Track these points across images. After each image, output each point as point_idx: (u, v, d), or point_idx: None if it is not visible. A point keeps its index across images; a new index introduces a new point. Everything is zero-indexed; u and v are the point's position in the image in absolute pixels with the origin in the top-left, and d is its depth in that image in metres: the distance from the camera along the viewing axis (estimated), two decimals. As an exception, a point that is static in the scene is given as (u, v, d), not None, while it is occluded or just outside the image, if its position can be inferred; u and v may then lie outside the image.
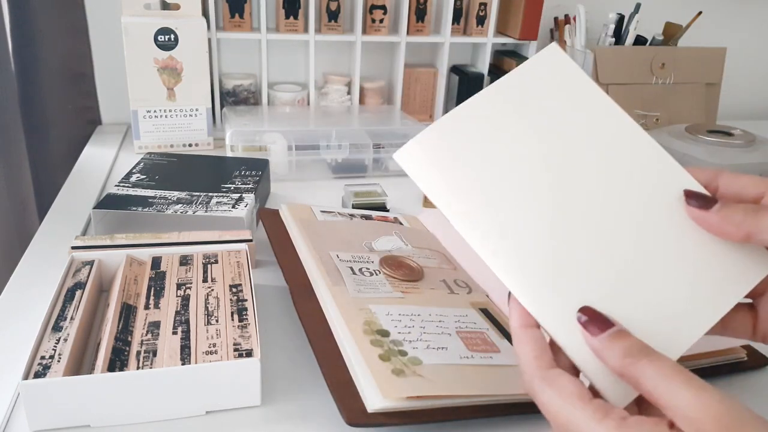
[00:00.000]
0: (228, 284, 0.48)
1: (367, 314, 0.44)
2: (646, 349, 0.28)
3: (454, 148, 0.35)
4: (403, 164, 0.35)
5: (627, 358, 0.28)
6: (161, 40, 0.80)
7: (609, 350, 0.29)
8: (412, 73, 1.01)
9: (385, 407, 0.36)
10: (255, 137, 0.78)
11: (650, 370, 0.27)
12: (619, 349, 0.29)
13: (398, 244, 0.57)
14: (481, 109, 0.36)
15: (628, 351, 0.28)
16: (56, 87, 0.88)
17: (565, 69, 0.37)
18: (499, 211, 0.34)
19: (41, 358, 0.38)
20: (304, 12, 0.92)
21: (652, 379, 0.27)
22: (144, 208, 0.59)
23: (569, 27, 1.00)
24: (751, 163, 0.79)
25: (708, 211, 0.33)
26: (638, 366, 0.28)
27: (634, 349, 0.28)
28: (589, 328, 0.30)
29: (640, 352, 0.28)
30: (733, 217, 0.32)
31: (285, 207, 0.59)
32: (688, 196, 0.34)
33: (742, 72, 1.22)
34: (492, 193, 0.34)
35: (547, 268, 0.33)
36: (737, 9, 1.17)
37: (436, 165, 0.35)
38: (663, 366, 0.27)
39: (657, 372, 0.27)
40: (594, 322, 0.30)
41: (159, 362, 0.39)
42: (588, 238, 0.33)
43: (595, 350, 0.30)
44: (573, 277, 0.32)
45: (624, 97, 0.95)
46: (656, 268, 0.33)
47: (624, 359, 0.28)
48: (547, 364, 0.30)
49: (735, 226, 0.32)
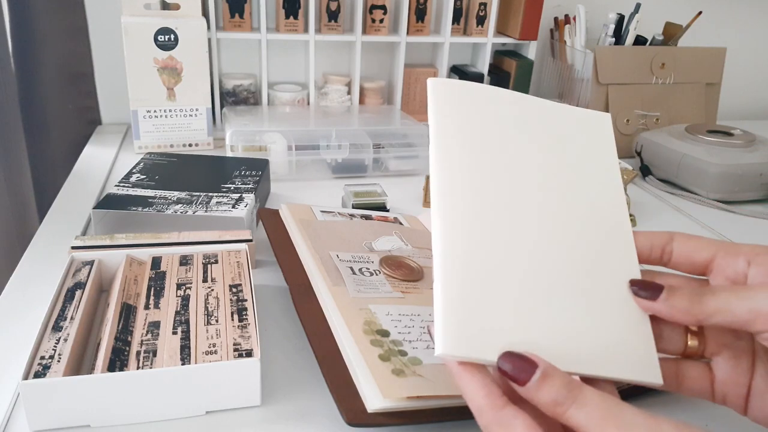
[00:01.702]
0: (228, 284, 0.48)
1: (367, 314, 0.44)
2: (574, 391, 0.28)
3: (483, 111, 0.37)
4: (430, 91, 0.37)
5: (558, 407, 0.28)
6: (161, 40, 0.80)
7: (538, 398, 0.29)
8: (412, 73, 1.01)
9: (385, 407, 0.36)
10: (255, 137, 0.78)
11: (581, 416, 0.28)
12: (547, 396, 0.28)
13: (398, 244, 0.57)
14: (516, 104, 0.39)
15: (556, 397, 0.28)
16: (56, 87, 0.88)
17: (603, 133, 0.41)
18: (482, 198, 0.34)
19: (41, 358, 0.38)
20: (304, 12, 0.92)
21: (585, 426, 0.28)
22: (144, 208, 0.59)
23: (569, 27, 1.00)
24: (751, 163, 0.79)
25: (655, 302, 0.33)
26: (568, 414, 0.28)
27: (562, 394, 0.28)
28: (515, 378, 0.29)
29: (568, 398, 0.28)
30: (679, 305, 0.32)
31: (285, 207, 0.59)
32: (634, 285, 0.35)
33: (742, 72, 1.22)
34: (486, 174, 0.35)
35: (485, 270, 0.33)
36: (737, 9, 1.17)
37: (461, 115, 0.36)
38: (592, 411, 0.28)
39: (587, 418, 0.28)
40: (518, 369, 0.29)
41: (159, 362, 0.39)
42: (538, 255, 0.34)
43: (525, 398, 0.29)
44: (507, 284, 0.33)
45: (624, 97, 0.96)
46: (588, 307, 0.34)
47: (555, 408, 0.28)
48: (499, 402, 0.29)
49: (683, 314, 0.32)
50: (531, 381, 0.29)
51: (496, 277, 0.32)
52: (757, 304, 0.30)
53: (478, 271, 0.32)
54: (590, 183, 0.38)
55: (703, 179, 0.80)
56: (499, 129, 0.37)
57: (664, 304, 0.33)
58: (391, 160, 0.82)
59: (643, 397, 0.43)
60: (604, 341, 0.33)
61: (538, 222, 0.35)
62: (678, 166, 0.82)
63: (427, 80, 0.38)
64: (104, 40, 0.90)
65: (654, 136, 0.87)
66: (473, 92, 0.38)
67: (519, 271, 0.33)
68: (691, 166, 0.81)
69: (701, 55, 0.99)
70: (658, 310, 0.33)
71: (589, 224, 0.36)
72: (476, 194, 0.34)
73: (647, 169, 0.87)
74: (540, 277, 0.33)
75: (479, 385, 0.29)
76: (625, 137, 0.96)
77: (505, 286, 0.32)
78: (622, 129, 0.96)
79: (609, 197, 0.38)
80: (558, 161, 0.38)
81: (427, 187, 0.73)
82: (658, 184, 0.85)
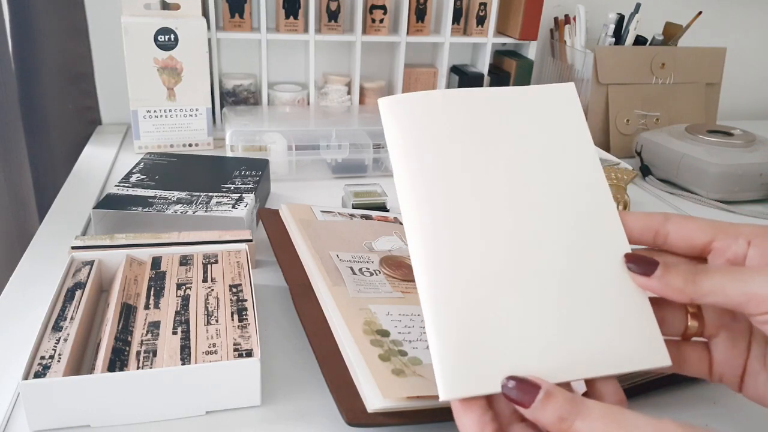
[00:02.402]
0: (228, 284, 0.48)
1: (367, 314, 0.44)
2: (576, 406, 0.29)
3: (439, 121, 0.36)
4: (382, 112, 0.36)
5: (563, 423, 0.29)
6: (161, 40, 0.80)
7: (543, 417, 0.29)
8: (412, 73, 1.01)
9: (385, 407, 0.36)
10: (255, 137, 0.78)
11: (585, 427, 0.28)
12: (552, 414, 0.29)
13: (398, 244, 0.57)
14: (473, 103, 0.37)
15: (560, 413, 0.29)
16: (56, 87, 0.88)
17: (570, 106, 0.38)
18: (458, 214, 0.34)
19: (41, 358, 0.38)
20: (304, 12, 0.92)
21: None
22: (144, 208, 0.59)
23: (569, 27, 1.00)
24: (751, 163, 0.79)
25: (650, 278, 0.33)
26: (574, 428, 0.28)
27: (565, 410, 0.29)
28: (520, 402, 0.30)
29: (571, 413, 0.29)
30: (674, 283, 0.32)
31: (285, 207, 0.59)
32: (629, 260, 0.34)
33: (742, 72, 1.22)
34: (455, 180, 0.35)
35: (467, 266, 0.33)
36: (737, 9, 1.17)
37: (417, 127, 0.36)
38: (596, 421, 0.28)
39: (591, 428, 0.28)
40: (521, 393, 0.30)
41: (159, 362, 0.39)
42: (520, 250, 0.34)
43: (532, 419, 0.30)
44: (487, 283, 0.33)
45: (624, 97, 0.96)
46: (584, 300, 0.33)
47: (561, 425, 0.29)
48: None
49: (676, 292, 0.32)
50: (535, 402, 0.29)
51: (487, 302, 0.32)
52: (751, 288, 0.30)
53: (468, 300, 0.32)
54: (565, 165, 0.36)
55: (703, 179, 0.80)
56: (460, 132, 0.36)
57: (659, 282, 0.33)
58: (391, 160, 0.82)
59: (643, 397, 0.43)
60: (606, 337, 0.33)
61: (519, 226, 0.34)
62: (678, 166, 0.82)
63: (378, 101, 0.37)
64: (104, 40, 0.90)
65: (654, 136, 0.87)
66: (426, 102, 0.37)
67: (508, 288, 0.32)
68: (691, 166, 0.81)
69: (701, 55, 0.99)
70: (653, 287, 0.33)
71: (572, 211, 0.35)
72: (451, 211, 0.34)
73: (647, 169, 0.87)
74: (530, 287, 0.33)
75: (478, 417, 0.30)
76: (625, 137, 0.96)
77: (496, 309, 0.32)
78: (622, 129, 0.96)
79: (587, 176, 0.36)
80: (527, 149, 0.36)
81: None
82: (658, 184, 0.85)
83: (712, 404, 0.43)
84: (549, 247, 0.34)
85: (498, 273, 0.33)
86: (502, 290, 0.32)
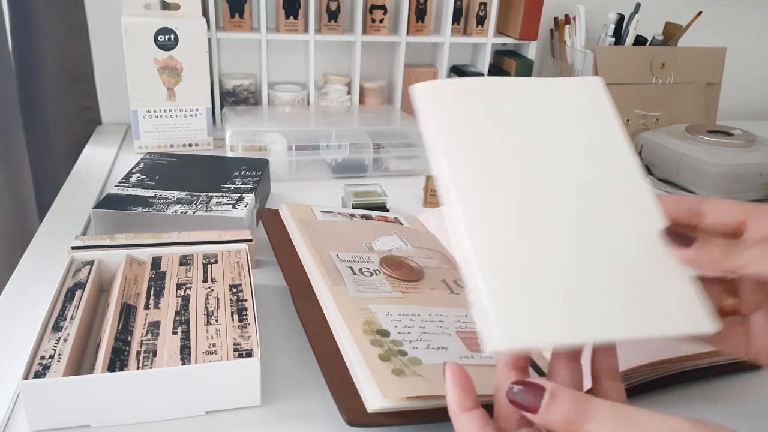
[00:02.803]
0: (228, 284, 0.48)
1: (367, 314, 0.44)
2: (583, 406, 0.29)
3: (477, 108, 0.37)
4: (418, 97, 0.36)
5: (571, 425, 0.28)
6: (161, 40, 0.80)
7: (551, 420, 0.29)
8: (412, 73, 1.01)
9: (385, 407, 0.36)
10: (255, 137, 0.78)
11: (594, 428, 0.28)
12: (559, 414, 0.29)
13: (398, 244, 0.57)
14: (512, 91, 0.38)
15: (568, 415, 0.29)
16: (56, 87, 0.88)
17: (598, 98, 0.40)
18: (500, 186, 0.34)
19: (41, 358, 0.38)
20: (304, 12, 0.92)
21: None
22: (144, 208, 0.59)
23: (569, 27, 1.00)
24: (751, 163, 0.79)
25: (688, 249, 0.34)
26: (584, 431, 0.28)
27: (573, 412, 0.29)
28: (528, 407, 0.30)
29: (579, 414, 0.28)
30: (712, 254, 0.33)
31: (285, 207, 0.59)
32: (668, 233, 0.35)
33: (742, 72, 1.22)
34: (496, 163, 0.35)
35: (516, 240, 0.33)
36: (737, 9, 1.17)
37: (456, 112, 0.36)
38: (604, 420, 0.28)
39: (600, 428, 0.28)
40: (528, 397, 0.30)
41: (159, 362, 0.39)
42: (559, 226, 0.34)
43: (541, 423, 0.30)
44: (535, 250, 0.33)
45: (624, 97, 0.96)
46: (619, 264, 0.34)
47: (569, 426, 0.29)
48: None
49: (715, 262, 0.33)
50: (541, 405, 0.29)
51: (531, 261, 0.32)
52: None
53: (513, 258, 0.32)
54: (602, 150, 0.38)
55: (703, 179, 0.80)
56: (497, 118, 0.37)
57: (698, 252, 0.33)
58: (391, 160, 0.82)
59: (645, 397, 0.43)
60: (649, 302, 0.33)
61: (559, 199, 0.35)
62: (678, 166, 0.82)
63: (410, 88, 0.37)
64: (104, 40, 0.90)
65: (654, 136, 0.87)
66: (461, 88, 0.38)
67: (551, 251, 0.33)
68: (691, 166, 0.81)
69: (701, 55, 0.99)
70: (691, 258, 0.33)
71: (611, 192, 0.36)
72: (492, 183, 0.34)
73: (647, 169, 0.87)
74: (575, 257, 0.33)
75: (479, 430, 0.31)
76: (625, 137, 0.96)
77: (540, 268, 0.32)
78: (622, 129, 0.96)
79: (623, 160, 0.38)
80: (561, 137, 0.38)
81: (428, 187, 0.73)
82: (658, 184, 0.85)
83: (712, 404, 0.43)
84: (592, 224, 0.35)
85: (546, 240, 0.33)
86: (545, 249, 0.33)
